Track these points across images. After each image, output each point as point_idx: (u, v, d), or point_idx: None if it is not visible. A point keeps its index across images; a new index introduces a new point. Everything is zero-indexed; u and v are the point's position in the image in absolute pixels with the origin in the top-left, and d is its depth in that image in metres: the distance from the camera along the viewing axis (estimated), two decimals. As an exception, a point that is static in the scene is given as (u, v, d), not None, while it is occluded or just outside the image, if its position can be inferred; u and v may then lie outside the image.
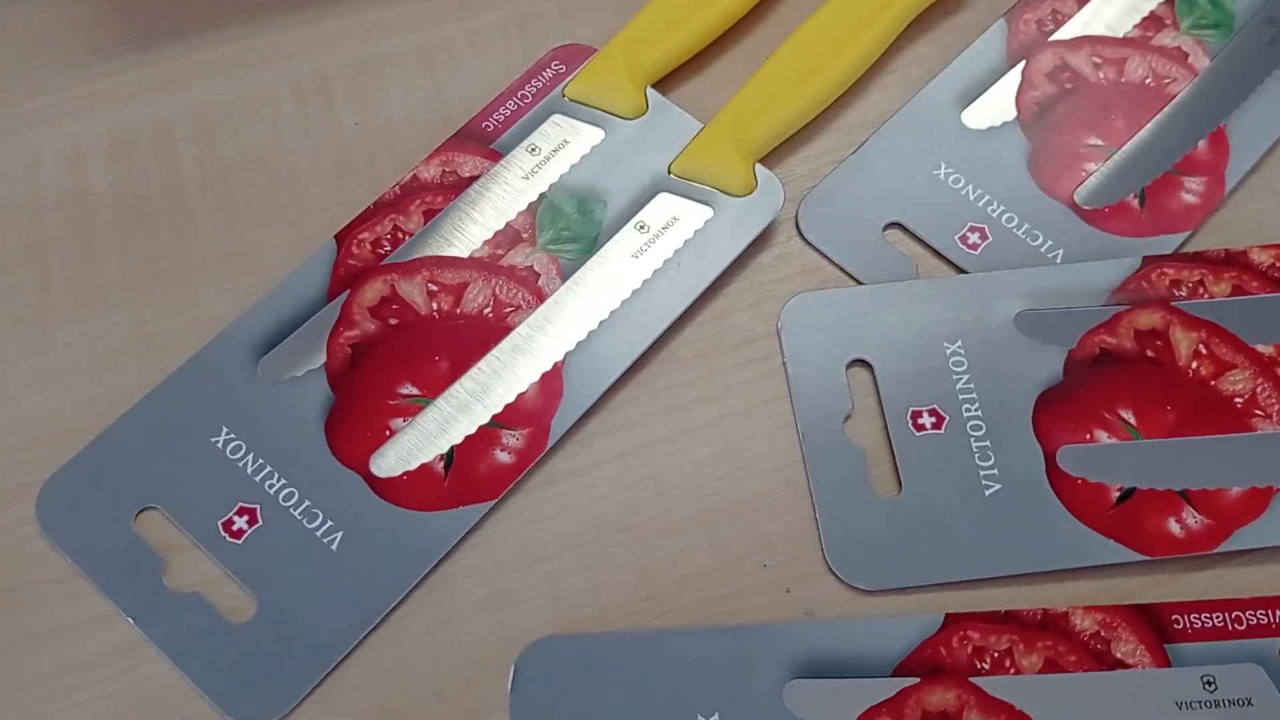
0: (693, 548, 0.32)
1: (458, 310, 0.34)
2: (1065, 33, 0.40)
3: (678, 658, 0.30)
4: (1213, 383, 0.34)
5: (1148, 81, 0.39)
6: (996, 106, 0.39)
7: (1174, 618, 0.31)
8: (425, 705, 0.29)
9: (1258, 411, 0.33)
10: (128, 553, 0.31)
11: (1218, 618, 0.31)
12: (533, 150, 0.37)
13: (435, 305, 0.34)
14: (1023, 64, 0.39)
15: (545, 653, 0.30)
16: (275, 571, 0.31)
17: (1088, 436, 0.33)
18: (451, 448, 0.32)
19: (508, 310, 0.34)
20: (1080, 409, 0.34)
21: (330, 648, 0.30)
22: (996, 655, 0.30)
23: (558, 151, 0.37)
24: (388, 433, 0.33)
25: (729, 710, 0.29)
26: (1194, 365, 0.34)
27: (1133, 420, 0.33)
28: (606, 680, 0.30)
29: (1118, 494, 0.32)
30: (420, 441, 0.32)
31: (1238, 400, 0.34)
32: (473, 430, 0.33)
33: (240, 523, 0.31)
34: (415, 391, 0.33)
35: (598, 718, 0.29)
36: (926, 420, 0.34)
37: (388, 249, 0.35)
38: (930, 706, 0.29)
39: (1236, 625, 0.31)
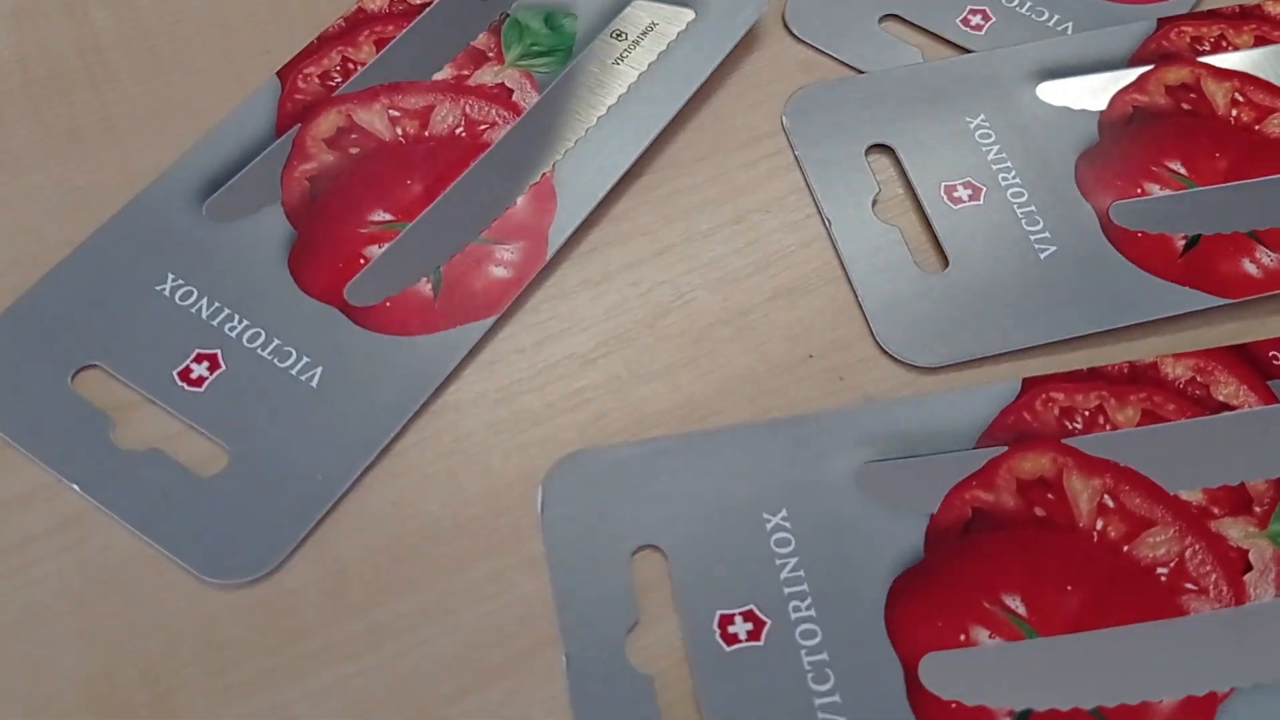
0: (727, 348, 0.28)
1: (426, 133, 0.30)
2: None
3: (731, 457, 0.26)
4: (1257, 127, 0.31)
5: None
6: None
7: (1272, 354, 0.27)
8: (444, 539, 0.25)
9: (1311, 150, 0.31)
10: (65, 415, 0.26)
11: (1318, 348, 0.28)
12: (488, -27, 0.34)
13: (400, 130, 0.30)
14: None
15: (576, 468, 0.26)
16: (247, 417, 0.26)
17: (1139, 191, 0.30)
18: (439, 268, 0.28)
19: (482, 128, 0.31)
20: (1125, 165, 0.31)
21: (321, 490, 0.25)
22: (1087, 414, 0.27)
23: (515, -29, 0.34)
24: (362, 261, 0.28)
25: (797, 505, 0.25)
26: (1234, 113, 0.32)
27: (1183, 170, 0.31)
28: (652, 489, 0.26)
29: (1183, 242, 0.29)
30: (401, 265, 0.28)
31: (1288, 142, 0.31)
32: (460, 249, 0.29)
33: (199, 370, 0.27)
34: (388, 217, 0.29)
35: (645, 531, 0.25)
36: (963, 193, 0.30)
37: (338, 81, 0.31)
38: (1024, 474, 0.26)
39: (1340, 353, 0.28)
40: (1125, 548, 0.25)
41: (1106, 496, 0.25)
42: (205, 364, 0.27)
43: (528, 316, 0.28)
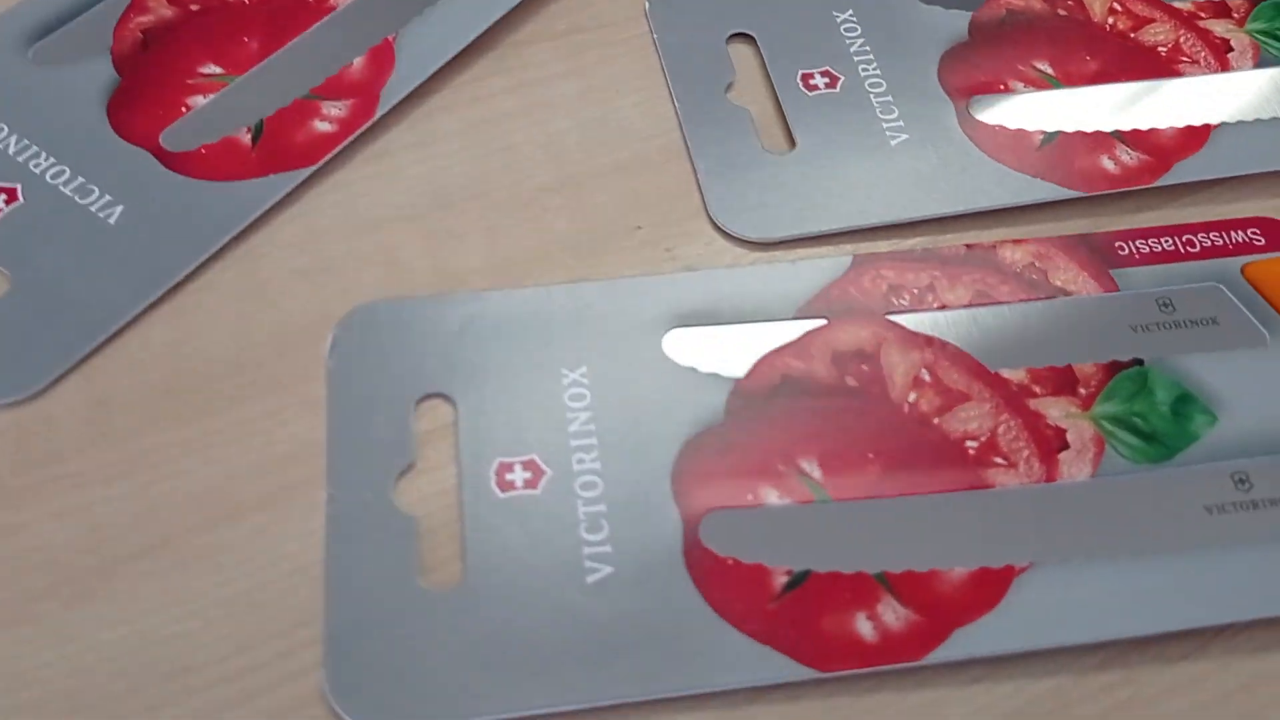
0: (552, 214, 0.27)
1: (271, -4, 0.30)
2: None
3: (534, 314, 0.25)
4: (1132, 35, 0.30)
5: None
6: None
7: (1118, 244, 0.26)
8: (221, 377, 0.24)
9: (1184, 59, 0.30)
10: None
11: (1167, 242, 0.26)
12: None
13: (245, -9, 0.30)
14: None
15: (372, 317, 0.25)
16: (35, 248, 0.25)
17: (1003, 87, 0.29)
18: (261, 120, 0.27)
19: (330, -7, 0.30)
20: (992, 63, 0.29)
21: (101, 320, 0.24)
22: (916, 292, 0.25)
23: None
24: (184, 110, 0.27)
25: (599, 363, 0.24)
26: (1110, 21, 0.31)
27: (1050, 70, 0.29)
28: (448, 341, 0.24)
29: (1041, 137, 0.28)
30: (223, 114, 0.27)
31: (1161, 50, 0.30)
32: (286, 103, 0.28)
33: (-5, 202, 0.26)
34: (219, 70, 0.28)
35: (435, 379, 0.24)
36: (819, 80, 0.29)
37: (190, -56, 0.31)
38: (842, 346, 0.24)
39: (1189, 249, 0.26)
40: (936, 420, 0.23)
41: (924, 371, 0.24)
42: (2, 196, 0.26)
43: (349, 173, 0.27)
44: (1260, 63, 0.30)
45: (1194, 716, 0.21)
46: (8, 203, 0.26)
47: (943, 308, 0.25)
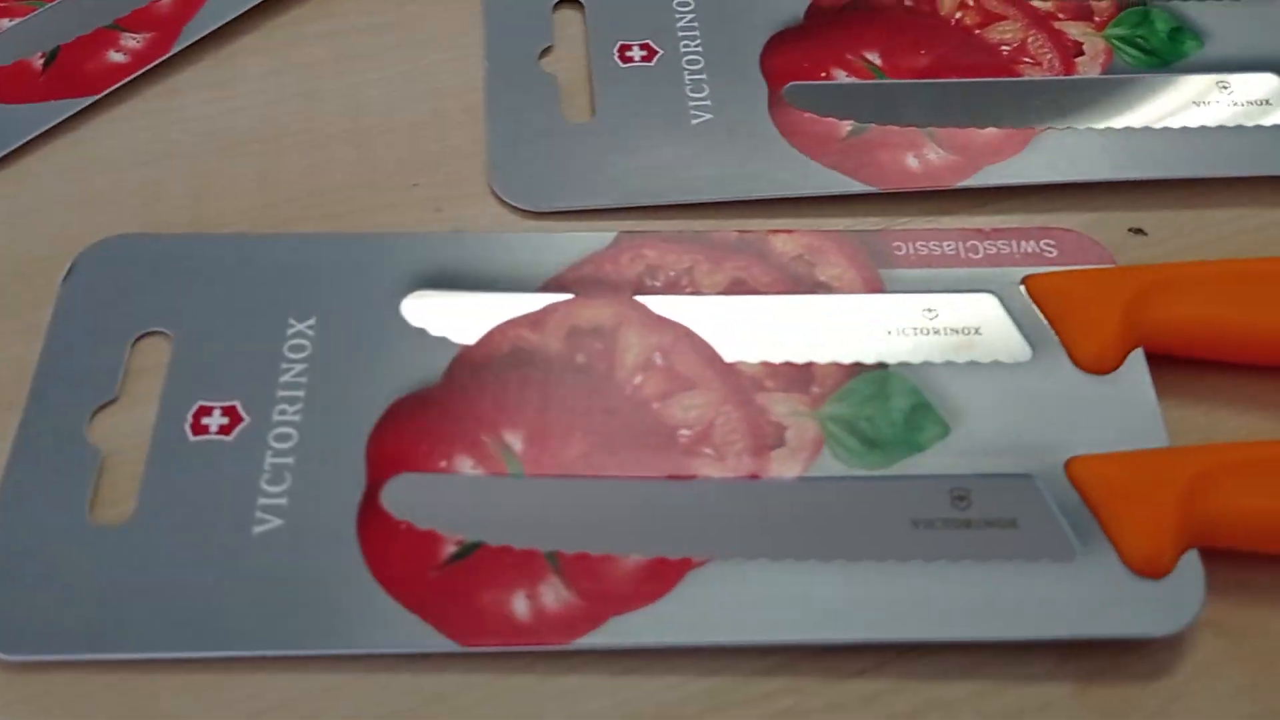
0: (334, 162, 0.26)
1: (102, -74, 0.30)
2: None
3: (275, 262, 0.24)
4: (977, 32, 0.29)
5: None
6: None
7: (896, 245, 0.25)
8: (-48, 300, 0.24)
9: (1026, 59, 0.28)
10: None
11: (949, 246, 0.25)
12: None
13: (76, -81, 0.30)
14: None
15: (115, 251, 0.24)
16: None
17: (824, 75, 0.28)
18: (59, 46, 0.27)
19: (161, -72, 0.30)
20: (819, 50, 0.28)
21: None
22: (673, 274, 0.25)
23: None
24: (-13, 32, 0.28)
25: (330, 317, 0.23)
26: (958, 15, 0.29)
27: (878, 61, 0.28)
28: (180, 280, 0.24)
29: (849, 129, 0.27)
30: (22, 38, 0.27)
31: (1004, 49, 0.29)
32: (87, 31, 0.28)
33: None
34: (32, -4, 0.28)
35: (160, 318, 0.23)
36: (636, 53, 0.28)
37: None
38: (581, 322, 0.24)
39: (971, 255, 0.25)
40: (655, 405, 0.23)
41: (657, 355, 0.23)
42: None
43: (136, 106, 0.27)
44: (1109, 70, 0.29)
45: (853, 735, 0.20)
46: None
47: (695, 292, 0.24)
